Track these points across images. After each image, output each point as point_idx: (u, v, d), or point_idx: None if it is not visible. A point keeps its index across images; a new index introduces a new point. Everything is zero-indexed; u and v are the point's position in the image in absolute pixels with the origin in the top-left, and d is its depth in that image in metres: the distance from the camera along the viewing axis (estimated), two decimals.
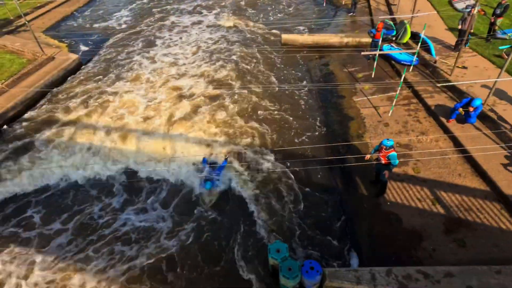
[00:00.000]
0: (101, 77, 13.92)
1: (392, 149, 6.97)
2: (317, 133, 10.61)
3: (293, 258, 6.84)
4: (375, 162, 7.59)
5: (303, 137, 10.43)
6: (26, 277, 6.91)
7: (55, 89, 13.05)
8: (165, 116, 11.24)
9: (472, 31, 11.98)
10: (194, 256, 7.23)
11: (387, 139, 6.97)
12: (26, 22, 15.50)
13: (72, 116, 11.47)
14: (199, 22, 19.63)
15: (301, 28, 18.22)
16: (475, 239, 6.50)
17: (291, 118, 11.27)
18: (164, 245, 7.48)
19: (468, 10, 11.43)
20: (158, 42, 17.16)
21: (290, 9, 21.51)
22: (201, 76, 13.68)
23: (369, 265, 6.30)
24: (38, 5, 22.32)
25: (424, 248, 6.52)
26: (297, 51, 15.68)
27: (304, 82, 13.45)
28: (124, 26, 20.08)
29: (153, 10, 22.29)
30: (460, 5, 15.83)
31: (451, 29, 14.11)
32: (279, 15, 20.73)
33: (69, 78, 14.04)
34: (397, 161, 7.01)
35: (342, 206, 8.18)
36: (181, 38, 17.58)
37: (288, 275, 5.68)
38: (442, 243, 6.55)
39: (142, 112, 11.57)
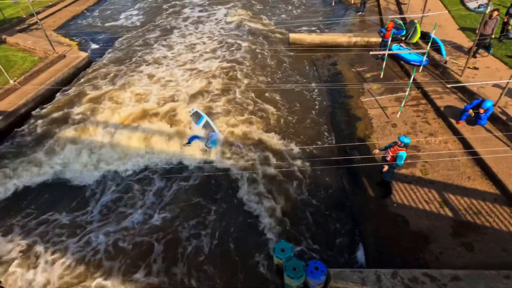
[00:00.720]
0: (111, 74, 14.10)
1: (405, 148, 6.90)
2: (323, 133, 10.56)
3: (297, 258, 6.84)
4: (381, 163, 7.51)
5: (309, 137, 10.40)
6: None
7: (65, 87, 13.27)
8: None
9: (494, 36, 11.46)
10: (197, 254, 7.29)
11: (405, 136, 6.89)
12: (38, 21, 15.79)
13: (83, 112, 11.65)
14: (210, 16, 19.72)
15: (309, 27, 18.13)
16: (483, 243, 6.39)
17: (297, 117, 11.25)
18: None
19: (481, 10, 11.18)
20: (168, 41, 17.29)
21: (299, 8, 21.42)
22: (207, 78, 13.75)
23: (374, 267, 6.25)
24: (50, 4, 22.72)
25: (431, 251, 6.45)
26: (304, 50, 15.61)
27: (312, 82, 13.39)
28: (133, 24, 20.32)
29: (164, 6, 22.50)
30: (472, 5, 15.53)
31: (463, 29, 13.86)
32: (287, 14, 20.67)
33: (79, 76, 14.27)
34: (402, 162, 6.91)
35: (348, 207, 8.14)
36: (184, 43, 17.67)
37: (292, 274, 5.68)
38: (450, 246, 6.46)
39: (153, 107, 11.71)
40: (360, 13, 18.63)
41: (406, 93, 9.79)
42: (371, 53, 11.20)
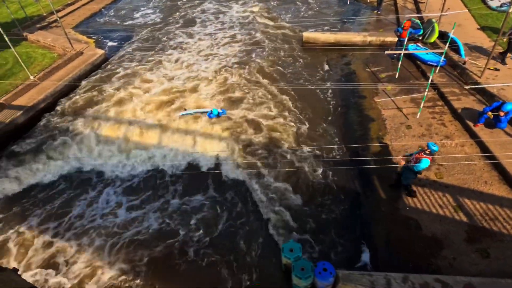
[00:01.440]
0: (128, 70, 14.36)
1: (431, 156, 6.80)
2: (335, 133, 10.45)
3: (306, 258, 6.81)
4: (392, 165, 7.37)
5: (321, 136, 10.31)
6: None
7: (82, 83, 13.60)
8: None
9: None
10: (205, 252, 7.37)
11: (433, 143, 6.78)
12: (58, 19, 16.26)
13: (100, 107, 11.92)
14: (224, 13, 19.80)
15: (324, 26, 17.93)
16: (500, 250, 6.18)
17: (309, 116, 11.16)
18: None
19: (504, 8, 10.75)
20: (184, 38, 17.46)
21: (314, 6, 21.21)
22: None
23: (384, 270, 6.15)
24: (69, 2, 23.34)
25: (444, 257, 6.29)
26: (318, 49, 15.47)
27: (324, 81, 13.25)
28: (148, 21, 20.62)
29: (178, 3, 22.76)
30: (494, 3, 14.98)
31: (483, 28, 13.39)
32: (301, 12, 20.50)
33: (96, 72, 14.61)
34: (421, 168, 6.76)
35: (359, 208, 8.03)
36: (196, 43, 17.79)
37: (300, 275, 5.67)
38: (464, 252, 6.28)
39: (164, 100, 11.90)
40: (376, 11, 18.28)
41: (425, 94, 9.50)
42: (386, 52, 10.99)
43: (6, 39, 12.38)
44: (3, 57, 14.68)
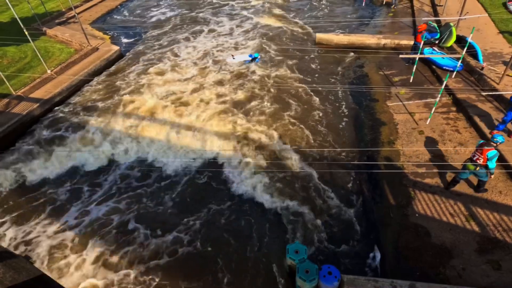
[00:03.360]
0: (141, 66, 14.58)
1: (494, 146, 6.60)
2: (346, 136, 10.34)
3: (311, 260, 6.76)
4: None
5: (331, 139, 10.21)
6: None
7: (97, 78, 13.89)
8: None
9: None
10: (210, 251, 7.42)
11: (499, 134, 6.63)
12: (76, 15, 16.66)
13: (113, 102, 12.15)
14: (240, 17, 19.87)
15: (337, 27, 17.77)
16: None
17: (319, 118, 11.08)
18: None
19: None
20: (200, 38, 17.62)
21: (327, 8, 21.05)
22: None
23: (391, 277, 6.06)
24: None
25: (453, 266, 6.14)
26: (331, 51, 15.34)
27: (336, 83, 13.13)
28: (166, 19, 20.85)
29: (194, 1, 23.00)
30: None
31: (503, 33, 13.00)
32: (315, 13, 20.37)
33: (111, 68, 14.89)
34: (494, 164, 6.52)
35: (367, 213, 7.93)
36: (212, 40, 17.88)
37: (305, 277, 5.64)
38: (474, 263, 6.12)
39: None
40: (393, 6, 17.95)
41: (437, 99, 9.35)
42: (400, 56, 10.82)
43: (26, 33, 12.75)
44: (22, 51, 15.13)
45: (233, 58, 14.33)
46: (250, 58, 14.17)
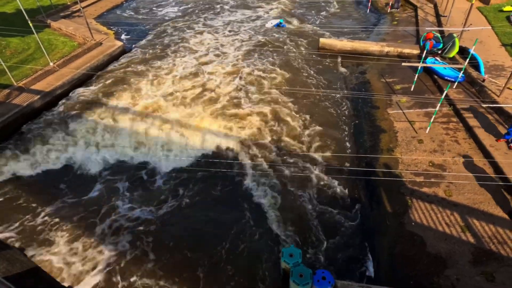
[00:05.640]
0: (143, 63, 14.58)
1: None
2: (345, 142, 10.35)
3: (305, 265, 6.75)
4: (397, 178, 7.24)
5: (330, 144, 10.22)
6: None
7: (99, 72, 13.88)
8: None
9: None
10: (206, 253, 7.40)
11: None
12: (81, 9, 16.69)
13: (114, 97, 12.14)
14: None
15: (340, 33, 17.83)
16: (507, 275, 5.99)
17: (319, 123, 11.09)
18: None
19: None
20: (199, 37, 17.64)
21: (331, 14, 21.14)
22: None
23: (385, 284, 6.05)
24: None
25: (447, 276, 6.14)
26: (334, 56, 15.38)
27: (338, 89, 13.16)
28: (170, 16, 20.89)
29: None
30: None
31: (505, 46, 13.08)
32: (319, 19, 20.45)
33: (113, 63, 14.88)
34: None
35: (363, 220, 7.93)
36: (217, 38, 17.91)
37: (298, 281, 5.62)
38: (468, 273, 6.12)
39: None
40: (395, 9, 18.04)
41: (436, 109, 9.39)
42: (403, 64, 10.84)
43: (31, 25, 12.74)
44: (26, 42, 15.12)
45: (271, 24, 18.61)
46: (278, 23, 18.63)
